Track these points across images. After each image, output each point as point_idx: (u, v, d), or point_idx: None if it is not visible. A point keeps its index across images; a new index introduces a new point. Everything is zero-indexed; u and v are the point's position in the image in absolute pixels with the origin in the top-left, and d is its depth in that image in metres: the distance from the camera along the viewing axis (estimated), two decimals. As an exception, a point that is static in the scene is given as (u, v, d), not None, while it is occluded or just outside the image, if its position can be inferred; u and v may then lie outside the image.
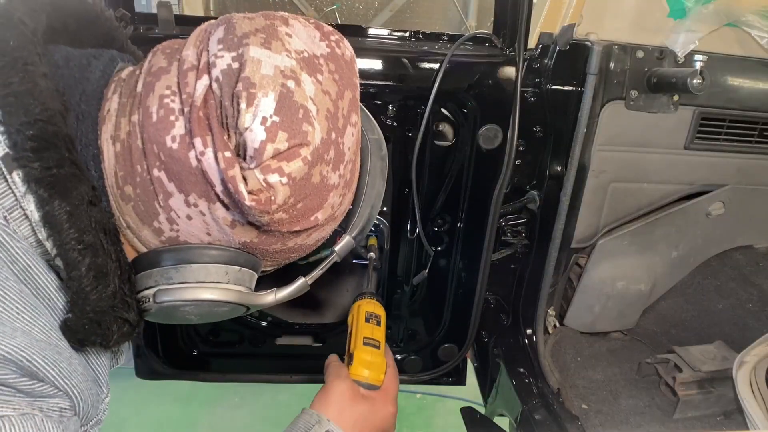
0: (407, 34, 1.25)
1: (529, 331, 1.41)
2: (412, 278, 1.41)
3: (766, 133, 1.32)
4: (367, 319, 0.96)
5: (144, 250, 0.59)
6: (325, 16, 2.79)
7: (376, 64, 1.15)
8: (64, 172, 0.50)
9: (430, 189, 1.31)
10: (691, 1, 1.16)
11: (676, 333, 1.55)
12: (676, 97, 1.23)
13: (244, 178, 0.50)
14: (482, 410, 1.49)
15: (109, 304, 0.53)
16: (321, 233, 0.64)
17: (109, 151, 0.55)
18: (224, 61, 0.52)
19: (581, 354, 1.46)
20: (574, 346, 1.48)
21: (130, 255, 0.59)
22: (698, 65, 1.18)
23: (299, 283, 0.67)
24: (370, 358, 0.88)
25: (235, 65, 0.51)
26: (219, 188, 0.52)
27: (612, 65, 1.17)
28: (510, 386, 1.33)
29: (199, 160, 0.52)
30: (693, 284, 1.58)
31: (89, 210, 0.51)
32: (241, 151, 0.51)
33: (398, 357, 1.49)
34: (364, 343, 0.90)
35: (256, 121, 0.49)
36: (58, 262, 0.52)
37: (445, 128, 1.25)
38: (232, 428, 2.36)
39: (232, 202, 0.53)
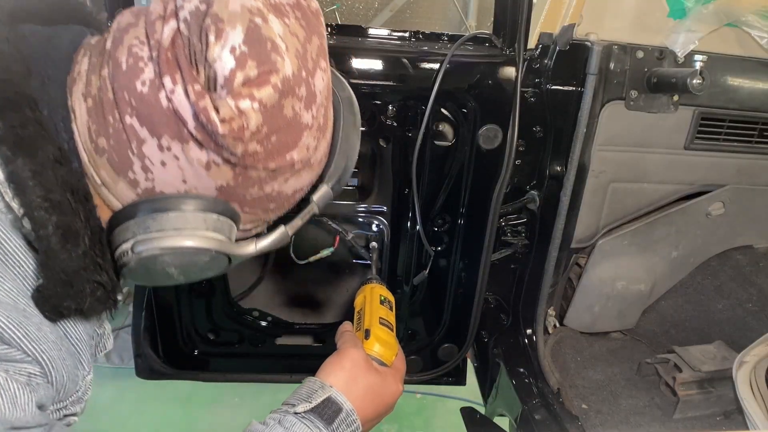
0: (407, 34, 1.25)
1: (529, 331, 1.41)
2: (412, 278, 1.41)
3: (766, 133, 1.32)
4: (381, 301, 0.97)
5: (120, 207, 0.58)
6: (325, 16, 2.79)
7: (376, 64, 1.15)
8: (29, 132, 0.50)
9: (430, 189, 1.31)
10: (691, 1, 1.16)
11: (676, 333, 1.55)
12: (676, 97, 1.23)
13: (216, 108, 0.51)
14: (482, 410, 1.49)
15: (79, 264, 0.53)
16: (298, 181, 0.63)
17: (81, 108, 0.55)
18: (192, 3, 0.52)
19: (581, 354, 1.46)
20: (574, 346, 1.48)
21: (106, 216, 0.58)
22: (698, 65, 1.19)
23: (279, 232, 0.66)
24: (385, 336, 0.89)
25: (203, 6, 0.52)
26: (191, 124, 0.52)
27: (612, 65, 1.17)
28: (510, 386, 1.33)
29: (169, 99, 0.52)
30: (693, 284, 1.58)
31: (55, 169, 0.51)
32: (211, 84, 0.52)
33: (398, 357, 1.49)
34: (380, 322, 0.91)
35: (225, 50, 0.50)
36: (26, 223, 0.51)
37: (445, 128, 1.25)
38: (232, 428, 2.36)
39: (205, 136, 0.53)
